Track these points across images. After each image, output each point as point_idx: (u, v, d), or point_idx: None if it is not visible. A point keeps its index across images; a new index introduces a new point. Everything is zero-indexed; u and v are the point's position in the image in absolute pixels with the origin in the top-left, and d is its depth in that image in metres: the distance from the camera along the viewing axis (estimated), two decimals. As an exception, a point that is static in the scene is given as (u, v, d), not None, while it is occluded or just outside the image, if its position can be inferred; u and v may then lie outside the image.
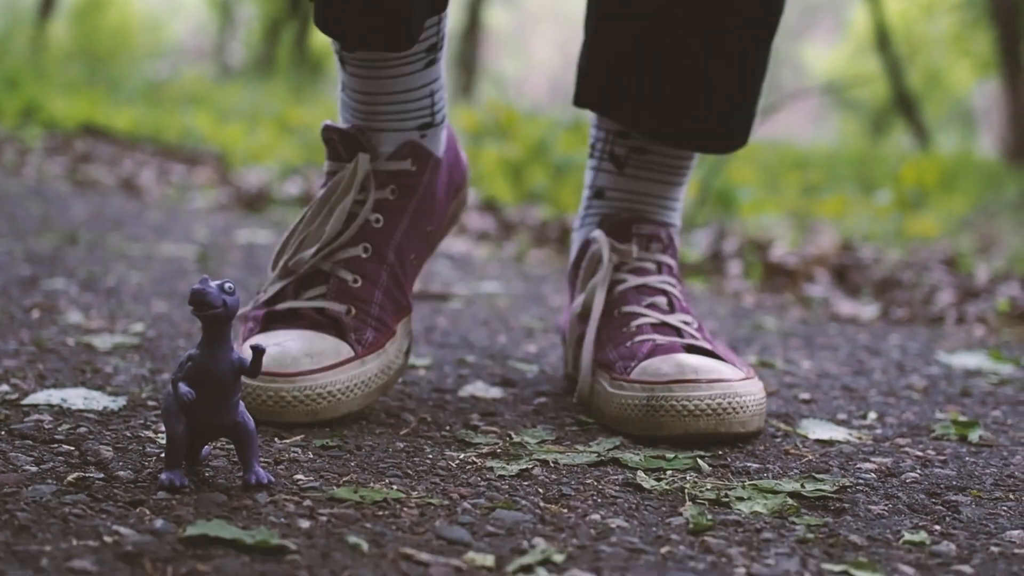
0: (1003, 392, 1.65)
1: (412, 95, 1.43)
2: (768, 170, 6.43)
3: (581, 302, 1.45)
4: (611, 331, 1.40)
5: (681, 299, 1.44)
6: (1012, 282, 2.76)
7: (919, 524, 1.06)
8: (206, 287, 1.00)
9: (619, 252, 1.46)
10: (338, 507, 1.02)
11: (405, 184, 1.43)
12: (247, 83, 10.71)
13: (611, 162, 1.51)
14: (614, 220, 1.48)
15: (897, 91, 10.63)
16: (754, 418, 1.31)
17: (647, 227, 1.47)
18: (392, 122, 1.43)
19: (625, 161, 1.50)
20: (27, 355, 1.51)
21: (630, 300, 1.43)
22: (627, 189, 1.50)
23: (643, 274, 1.45)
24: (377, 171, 1.42)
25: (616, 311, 1.42)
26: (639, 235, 1.47)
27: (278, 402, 1.27)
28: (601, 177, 1.52)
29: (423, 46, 1.42)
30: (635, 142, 1.49)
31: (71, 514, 0.95)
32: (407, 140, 1.43)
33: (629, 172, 1.50)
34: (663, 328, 1.39)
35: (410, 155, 1.43)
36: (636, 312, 1.41)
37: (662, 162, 1.49)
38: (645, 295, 1.43)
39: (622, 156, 1.50)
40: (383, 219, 1.41)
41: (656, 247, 1.47)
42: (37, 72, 8.26)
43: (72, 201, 3.50)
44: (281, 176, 4.61)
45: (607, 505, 1.07)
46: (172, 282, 2.20)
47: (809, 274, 2.88)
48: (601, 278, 1.44)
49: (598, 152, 1.53)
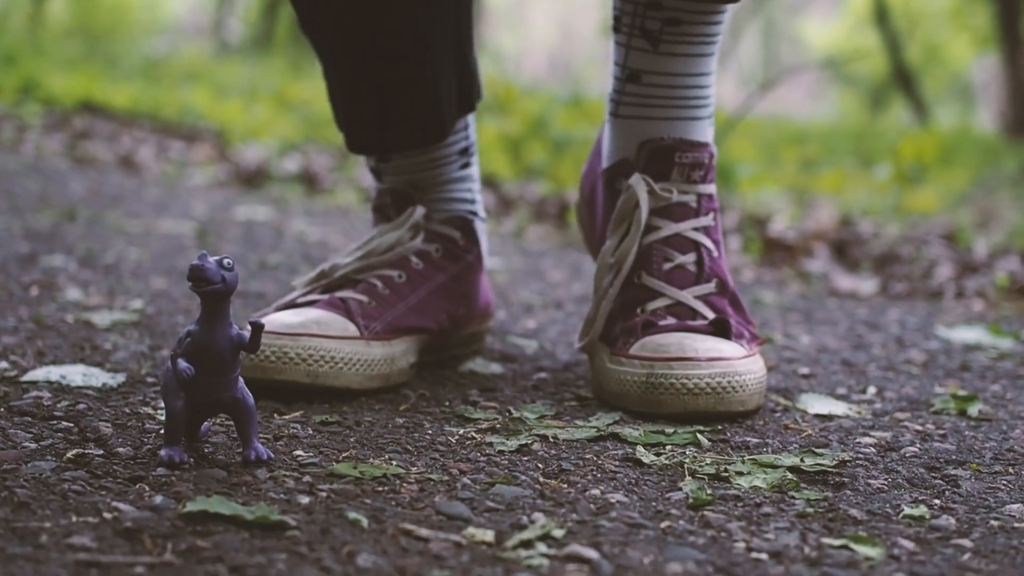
0: (1002, 366, 1.65)
1: (454, 187, 1.49)
2: (767, 145, 6.42)
3: (612, 250, 1.41)
4: (624, 305, 1.38)
5: (713, 250, 1.40)
6: (1011, 256, 2.76)
7: (919, 498, 1.07)
8: (205, 263, 1.00)
9: (656, 196, 1.40)
10: (338, 483, 1.02)
11: (450, 250, 1.47)
12: (245, 59, 10.68)
13: (644, 38, 1.41)
14: (655, 146, 1.40)
15: (896, 66, 10.60)
16: (753, 396, 1.30)
17: (689, 154, 1.40)
18: (442, 202, 1.49)
19: (659, 36, 1.40)
20: (26, 332, 1.51)
21: (655, 261, 1.38)
22: (666, 71, 1.41)
23: (680, 218, 1.40)
24: (428, 228, 1.46)
25: (636, 277, 1.39)
26: (681, 164, 1.40)
27: (280, 358, 1.27)
28: (634, 56, 1.43)
29: (455, 148, 1.48)
30: (668, 13, 1.39)
31: (70, 490, 0.95)
32: (461, 214, 1.49)
33: (664, 49, 1.41)
34: (677, 308, 1.37)
35: (461, 228, 1.48)
36: (654, 290, 1.38)
37: (696, 32, 1.41)
38: (674, 251, 1.39)
39: (655, 31, 1.40)
40: (423, 265, 1.44)
41: (698, 175, 1.41)
42: (35, 49, 8.24)
43: (71, 178, 3.50)
44: (280, 153, 4.60)
45: (607, 480, 1.07)
46: (171, 258, 2.20)
47: (808, 249, 2.88)
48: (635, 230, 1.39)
49: (626, 27, 1.43)
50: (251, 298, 1.84)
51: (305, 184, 3.88)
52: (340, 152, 4.62)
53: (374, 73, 1.43)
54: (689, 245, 1.40)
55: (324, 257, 2.30)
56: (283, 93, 7.09)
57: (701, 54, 1.43)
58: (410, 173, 1.48)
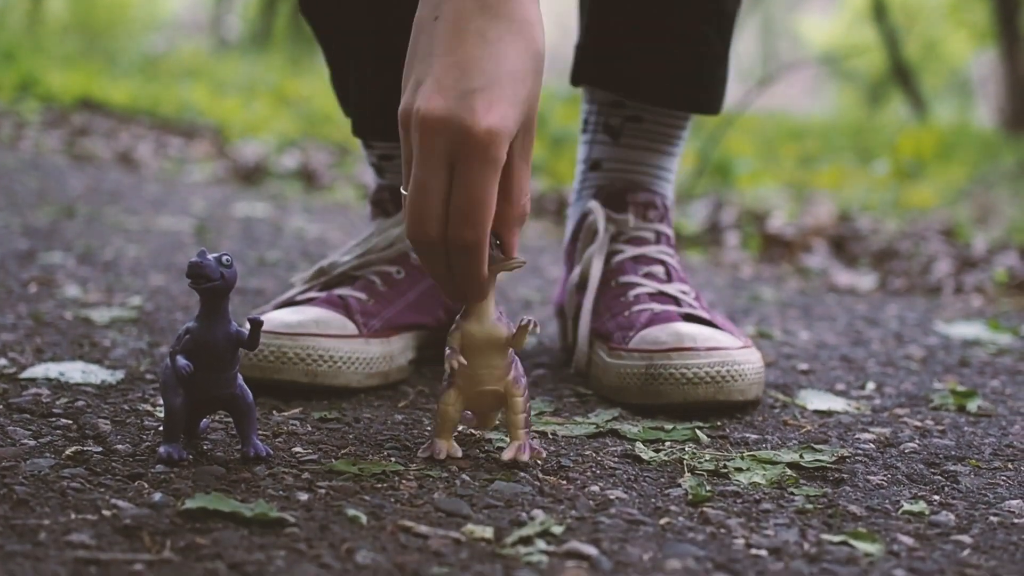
0: (1001, 362, 1.65)
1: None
2: (765, 141, 6.42)
3: (579, 273, 1.45)
4: (608, 301, 1.40)
5: (678, 269, 1.44)
6: (1010, 252, 2.76)
7: (918, 494, 1.07)
8: (203, 260, 0.99)
9: (616, 222, 1.46)
10: (337, 479, 1.02)
11: None
12: (244, 56, 10.68)
13: (606, 133, 1.50)
14: (609, 190, 1.48)
15: (894, 61, 10.60)
16: (752, 386, 1.30)
17: (642, 195, 1.47)
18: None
19: (620, 131, 1.49)
20: (25, 329, 1.51)
21: (627, 270, 1.43)
22: (623, 159, 1.49)
23: (641, 244, 1.45)
24: None
25: (613, 281, 1.42)
26: (635, 203, 1.47)
27: (279, 358, 1.27)
28: (596, 149, 1.51)
29: None
30: (630, 111, 1.49)
31: (69, 488, 0.95)
32: None
33: (624, 142, 1.49)
34: (660, 297, 1.39)
35: None
36: (633, 282, 1.41)
37: (657, 130, 1.49)
38: (642, 265, 1.43)
39: (617, 126, 1.49)
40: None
41: (653, 215, 1.47)
42: (34, 45, 8.24)
43: (69, 175, 3.50)
44: (278, 149, 4.60)
45: (606, 476, 1.07)
46: (170, 255, 2.20)
47: (807, 245, 2.88)
48: (598, 247, 1.44)
49: (592, 126, 1.52)
50: (250, 295, 1.84)
51: (304, 180, 3.88)
52: (339, 149, 4.62)
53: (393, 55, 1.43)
54: (655, 261, 1.45)
55: (323, 254, 2.30)
56: (282, 89, 7.09)
57: (661, 151, 1.50)
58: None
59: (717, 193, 3.83)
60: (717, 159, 4.08)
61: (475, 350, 1.06)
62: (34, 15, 11.16)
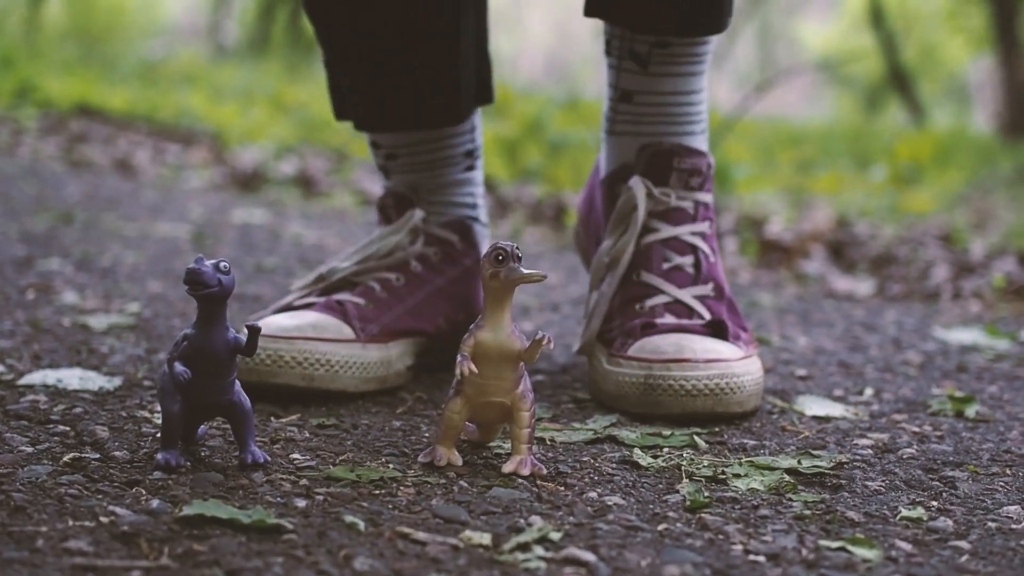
0: (999, 367, 1.65)
1: (456, 190, 1.49)
2: (763, 147, 6.42)
3: (610, 249, 1.42)
4: (624, 303, 1.39)
5: (710, 255, 1.41)
6: (1008, 257, 2.76)
7: (916, 500, 1.07)
8: (201, 266, 0.99)
9: (655, 200, 1.41)
10: (335, 486, 1.02)
11: (449, 254, 1.47)
12: (242, 62, 10.69)
13: (632, 60, 1.44)
14: (655, 150, 1.42)
15: (891, 67, 10.60)
16: (751, 398, 1.30)
17: (687, 160, 1.42)
18: (443, 205, 1.49)
19: (648, 59, 1.43)
20: (23, 335, 1.51)
21: (653, 260, 1.39)
22: (656, 91, 1.44)
23: (677, 222, 1.41)
24: (427, 231, 1.46)
25: (635, 275, 1.39)
26: (679, 170, 1.42)
27: (276, 361, 1.27)
28: (625, 78, 1.45)
29: (461, 149, 1.49)
30: (655, 36, 1.43)
31: (67, 494, 0.95)
32: (460, 218, 1.49)
33: (654, 70, 1.43)
34: (675, 307, 1.37)
35: (459, 233, 1.48)
36: (653, 286, 1.39)
37: (684, 52, 1.43)
38: (672, 252, 1.40)
39: (643, 53, 1.43)
40: (421, 268, 1.44)
41: (695, 182, 1.43)
42: (32, 52, 8.24)
43: (67, 181, 3.50)
44: (276, 155, 4.60)
45: (604, 483, 1.07)
46: (167, 262, 2.20)
47: (805, 250, 2.88)
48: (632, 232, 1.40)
49: (616, 50, 1.46)
50: (248, 301, 1.84)
51: (302, 187, 3.88)
52: (337, 155, 4.62)
53: (400, 48, 1.43)
54: (687, 248, 1.40)
55: (321, 260, 2.30)
56: (280, 96, 7.09)
57: (691, 73, 1.45)
58: (415, 172, 1.48)
59: (715, 198, 3.83)
60: (715, 164, 4.07)
61: (486, 360, 1.06)
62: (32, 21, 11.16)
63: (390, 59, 1.44)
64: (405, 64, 1.44)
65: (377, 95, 1.47)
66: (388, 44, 1.43)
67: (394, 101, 1.46)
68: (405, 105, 1.46)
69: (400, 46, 1.43)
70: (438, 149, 1.48)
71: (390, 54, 1.44)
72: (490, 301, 1.06)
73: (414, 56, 1.44)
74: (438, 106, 1.46)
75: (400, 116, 1.47)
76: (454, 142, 1.48)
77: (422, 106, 1.46)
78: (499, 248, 1.04)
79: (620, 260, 1.40)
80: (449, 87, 1.45)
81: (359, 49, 1.45)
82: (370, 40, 1.44)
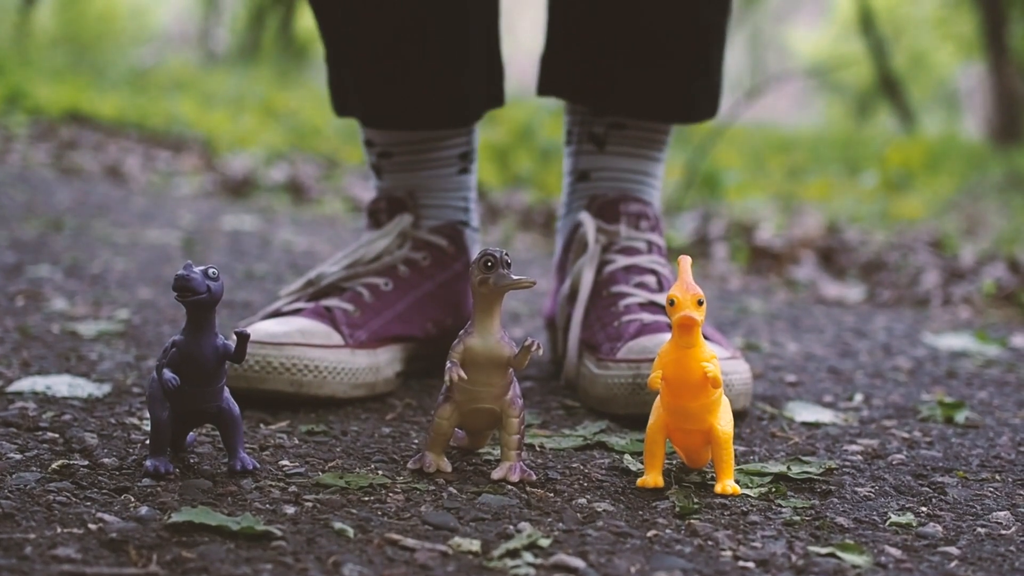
0: (989, 373, 1.66)
1: (449, 194, 1.50)
2: (753, 153, 6.43)
3: (569, 284, 1.45)
4: (599, 311, 1.40)
5: (670, 279, 1.44)
6: (997, 263, 2.77)
7: (906, 506, 1.07)
8: (190, 273, 0.99)
9: (607, 233, 1.45)
10: (324, 493, 1.02)
11: (438, 258, 1.47)
12: (232, 69, 10.68)
13: (591, 143, 1.50)
14: (602, 200, 1.47)
15: (882, 73, 10.62)
16: (740, 396, 1.31)
17: (635, 205, 1.47)
18: (434, 209, 1.49)
19: (605, 139, 1.49)
20: (11, 342, 1.51)
21: (619, 280, 1.42)
22: (610, 167, 1.49)
23: (632, 254, 1.44)
24: (415, 236, 1.46)
25: (604, 291, 1.42)
26: (627, 214, 1.46)
27: (264, 367, 1.27)
28: (583, 160, 1.51)
29: (456, 152, 1.50)
30: (612, 118, 1.49)
31: (55, 502, 0.95)
32: (451, 222, 1.49)
33: (610, 149, 1.49)
34: (651, 307, 1.39)
35: (449, 237, 1.48)
36: (624, 292, 1.40)
37: (641, 135, 1.49)
38: (634, 275, 1.43)
39: (601, 134, 1.49)
40: (410, 272, 1.44)
41: (645, 225, 1.47)
42: (22, 59, 8.23)
43: (57, 188, 3.49)
44: (266, 162, 4.60)
45: (593, 489, 1.07)
46: (157, 268, 2.20)
47: (795, 257, 2.88)
48: (588, 258, 1.43)
49: (575, 136, 1.52)
50: (237, 308, 1.84)
51: (292, 194, 3.88)
52: (327, 161, 4.62)
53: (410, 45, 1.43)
54: (647, 271, 1.44)
55: (311, 267, 2.30)
56: (270, 102, 7.09)
57: (646, 156, 1.51)
58: (409, 171, 1.48)
59: (705, 205, 3.83)
60: (705, 171, 4.08)
61: (476, 366, 1.06)
62: (22, 28, 11.15)
63: (396, 56, 1.44)
64: (413, 61, 1.44)
65: (382, 92, 1.46)
66: (394, 42, 1.43)
67: (399, 99, 1.46)
68: (406, 103, 1.46)
69: (406, 44, 1.43)
70: (434, 150, 1.48)
71: (396, 51, 1.44)
72: (479, 307, 1.06)
73: (420, 55, 1.44)
74: (445, 106, 1.46)
75: (401, 114, 1.47)
76: (450, 143, 1.48)
77: (429, 105, 1.46)
78: (488, 254, 1.04)
79: (579, 287, 1.44)
80: (457, 88, 1.46)
81: (364, 45, 1.45)
82: (376, 37, 1.44)
